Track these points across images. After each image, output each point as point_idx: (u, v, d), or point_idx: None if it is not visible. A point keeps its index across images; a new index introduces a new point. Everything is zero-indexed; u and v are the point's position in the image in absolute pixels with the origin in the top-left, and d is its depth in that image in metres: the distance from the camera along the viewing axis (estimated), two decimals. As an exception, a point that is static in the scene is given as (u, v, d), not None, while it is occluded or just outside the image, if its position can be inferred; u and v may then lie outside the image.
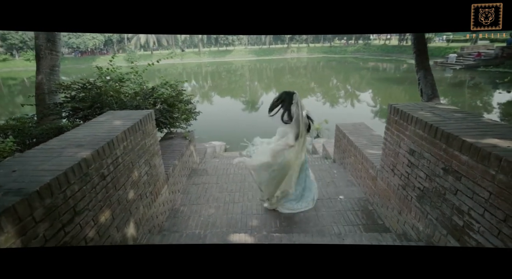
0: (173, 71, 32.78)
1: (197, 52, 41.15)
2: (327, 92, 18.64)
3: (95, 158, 1.60)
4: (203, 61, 39.14)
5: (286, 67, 33.59)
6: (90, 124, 2.14)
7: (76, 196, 1.43)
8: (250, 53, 41.27)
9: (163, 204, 2.73)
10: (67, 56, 34.54)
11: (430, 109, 2.14)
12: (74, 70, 31.54)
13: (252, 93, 19.70)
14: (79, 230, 1.46)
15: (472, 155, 1.47)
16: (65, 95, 3.09)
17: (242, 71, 31.41)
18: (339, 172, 3.76)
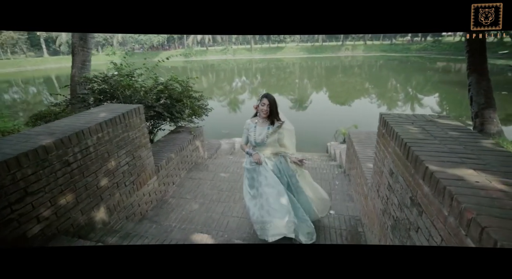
0: (225, 66, 34.26)
1: (248, 48, 42.02)
2: (383, 94, 16.99)
3: (57, 146, 1.77)
4: (254, 58, 39.83)
5: (339, 66, 31.83)
6: (80, 114, 2.38)
7: (28, 178, 1.61)
8: (301, 51, 40.31)
9: (149, 194, 2.89)
10: (136, 52, 39.20)
11: (424, 123, 1.76)
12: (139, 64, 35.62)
13: (301, 91, 19.25)
14: (31, 208, 1.65)
15: (431, 187, 1.16)
16: (89, 87, 3.52)
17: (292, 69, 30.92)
18: (342, 185, 3.41)
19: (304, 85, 22.03)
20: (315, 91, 19.26)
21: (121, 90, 3.22)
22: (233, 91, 20.36)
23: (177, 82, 3.75)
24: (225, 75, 29.17)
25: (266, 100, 2.05)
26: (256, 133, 2.12)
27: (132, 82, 3.47)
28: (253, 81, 24.87)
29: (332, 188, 3.34)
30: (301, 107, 14.16)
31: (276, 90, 19.49)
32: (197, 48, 42.32)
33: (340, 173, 3.93)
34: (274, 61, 36.22)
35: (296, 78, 25.70)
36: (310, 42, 42.30)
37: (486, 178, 1.08)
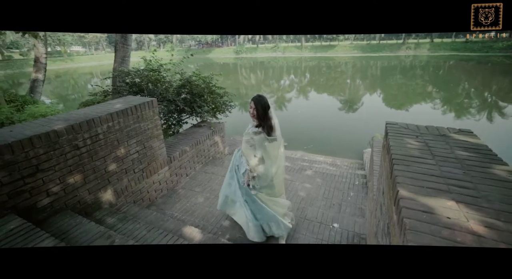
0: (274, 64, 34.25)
1: (299, 46, 41.16)
2: (451, 100, 14.77)
3: (68, 131, 2.01)
4: (304, 56, 38.86)
5: (397, 66, 28.88)
6: (100, 105, 2.65)
7: (40, 157, 1.87)
8: (355, 49, 37.75)
9: (159, 182, 3.08)
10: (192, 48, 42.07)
11: (432, 138, 1.47)
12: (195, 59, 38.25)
13: (352, 92, 18.15)
14: (41, 183, 1.91)
15: (397, 216, 0.96)
16: (123, 80, 3.91)
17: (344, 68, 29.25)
18: (356, 196, 3.10)
19: (356, 85, 20.65)
20: (368, 93, 17.89)
21: (147, 84, 3.50)
22: (280, 89, 20.26)
23: (200, 78, 3.89)
24: (274, 72, 29.17)
25: (252, 103, 2.03)
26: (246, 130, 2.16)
27: (160, 77, 3.73)
28: (302, 80, 24.31)
29: (344, 199, 3.06)
30: (351, 108, 13.31)
31: (325, 90, 18.70)
32: (248, 45, 43.25)
33: (360, 184, 3.57)
34: (325, 59, 34.73)
35: (348, 78, 24.23)
36: (366, 40, 39.29)
37: (466, 214, 0.85)
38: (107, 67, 35.24)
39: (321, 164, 5.04)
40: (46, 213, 1.98)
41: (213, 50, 40.18)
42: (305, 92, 18.49)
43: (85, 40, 40.93)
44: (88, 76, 29.65)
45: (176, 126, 4.29)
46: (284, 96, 17.25)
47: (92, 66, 36.35)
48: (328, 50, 39.35)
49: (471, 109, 12.84)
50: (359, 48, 37.65)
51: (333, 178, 3.75)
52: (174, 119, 4.00)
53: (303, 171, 4.11)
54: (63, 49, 37.51)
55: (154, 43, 45.37)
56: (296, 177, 3.67)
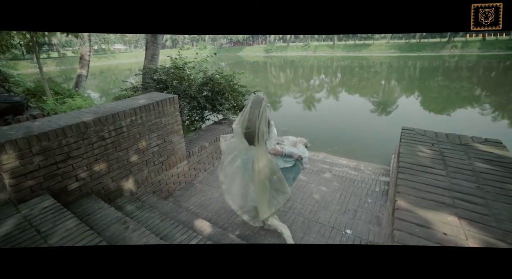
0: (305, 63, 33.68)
1: (331, 45, 39.92)
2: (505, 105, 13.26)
3: (95, 123, 2.21)
4: (336, 55, 37.61)
5: (440, 67, 26.65)
6: (125, 100, 2.85)
7: (71, 145, 2.07)
8: (392, 48, 35.56)
9: (178, 175, 3.24)
10: (224, 46, 43.01)
11: (450, 147, 1.36)
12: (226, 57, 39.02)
13: (387, 94, 17.24)
14: (71, 169, 2.12)
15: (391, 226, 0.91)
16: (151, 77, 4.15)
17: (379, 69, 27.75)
18: (374, 203, 2.95)
19: (390, 87, 19.53)
20: (405, 95, 16.80)
21: (172, 81, 3.67)
22: (310, 88, 19.91)
23: (222, 76, 3.98)
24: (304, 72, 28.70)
25: None
26: None
27: (185, 74, 3.90)
28: (333, 80, 23.60)
29: (360, 205, 2.94)
30: (384, 111, 12.63)
31: (357, 91, 17.96)
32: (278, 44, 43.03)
33: (381, 191, 3.40)
34: (358, 59, 33.25)
35: (382, 79, 22.98)
36: (405, 38, 36.79)
37: (467, 232, 0.78)
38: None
39: (342, 168, 4.88)
40: (74, 196, 2.19)
41: (243, 48, 40.69)
42: (335, 92, 17.93)
43: (126, 38, 43.90)
44: (127, 72, 31.84)
45: (199, 122, 4.44)
46: (313, 95, 16.89)
47: (131, 62, 38.92)
48: (362, 49, 37.61)
49: None
50: (397, 47, 35.42)
51: (352, 183, 3.62)
52: (197, 115, 4.15)
53: (321, 173, 4.01)
54: (107, 47, 40.75)
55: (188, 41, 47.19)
56: (312, 179, 3.60)
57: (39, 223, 1.65)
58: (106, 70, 32.85)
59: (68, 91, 6.58)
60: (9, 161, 1.77)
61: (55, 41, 33.57)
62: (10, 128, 1.97)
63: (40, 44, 29.84)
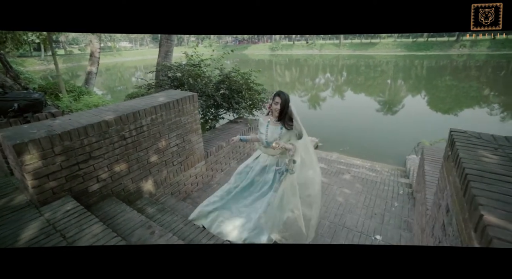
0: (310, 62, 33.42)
1: (337, 43, 39.54)
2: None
3: (116, 122, 2.11)
4: (342, 54, 37.26)
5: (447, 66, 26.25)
6: (144, 97, 2.76)
7: (93, 145, 1.98)
8: (399, 47, 35.11)
9: (195, 176, 3.14)
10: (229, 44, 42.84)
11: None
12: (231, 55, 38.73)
13: (393, 93, 17.04)
14: (93, 170, 2.03)
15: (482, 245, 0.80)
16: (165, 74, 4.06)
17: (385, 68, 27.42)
18: (402, 207, 2.83)
19: (397, 86, 19.29)
20: (411, 95, 16.61)
21: (187, 78, 3.57)
22: (315, 87, 19.75)
23: (239, 74, 3.87)
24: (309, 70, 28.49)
25: (278, 99, 1.93)
26: (268, 133, 2.03)
27: (201, 71, 3.79)
28: (338, 79, 23.37)
29: (387, 209, 2.82)
30: (390, 110, 12.47)
31: (363, 90, 17.79)
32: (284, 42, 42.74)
33: (405, 193, 3.27)
34: (365, 58, 32.90)
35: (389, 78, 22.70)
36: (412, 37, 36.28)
37: None
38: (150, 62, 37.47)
39: (359, 168, 4.75)
40: (95, 198, 2.11)
41: (249, 46, 40.46)
42: (341, 91, 17.78)
43: (132, 36, 43.93)
44: (133, 70, 31.91)
45: (213, 121, 4.34)
46: (319, 94, 16.74)
47: (137, 60, 39.00)
48: (368, 48, 37.20)
49: None
50: (403, 46, 34.96)
51: (374, 185, 3.49)
52: (211, 114, 4.05)
53: (340, 174, 3.89)
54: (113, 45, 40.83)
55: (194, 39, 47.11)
56: (333, 181, 3.49)
57: (63, 228, 1.56)
58: (112, 67, 32.94)
59: (78, 88, 6.52)
60: (32, 161, 1.68)
61: (62, 38, 33.75)
62: (31, 126, 1.88)
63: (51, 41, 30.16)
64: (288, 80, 23.08)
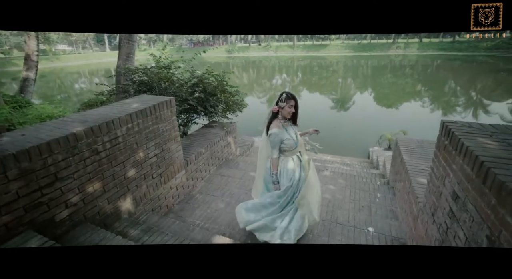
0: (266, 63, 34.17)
1: (291, 45, 41.26)
2: (439, 98, 15.19)
3: (87, 134, 1.79)
4: (296, 55, 38.97)
5: (388, 65, 29.37)
6: (115, 104, 2.42)
7: (59, 164, 1.64)
8: (347, 48, 38.19)
9: (176, 187, 2.87)
10: (184, 47, 41.40)
11: (510, 137, 1.35)
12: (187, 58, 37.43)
13: (344, 91, 18.29)
14: (60, 194, 1.68)
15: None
16: (130, 78, 3.67)
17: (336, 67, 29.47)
18: (384, 198, 2.99)
19: (347, 85, 20.87)
20: (359, 92, 18.12)
21: (158, 82, 3.27)
22: (273, 88, 20.20)
23: (212, 75, 3.69)
24: (266, 71, 29.11)
25: (293, 102, 1.93)
26: (292, 135, 1.99)
27: (170, 74, 3.51)
28: (294, 79, 24.34)
29: (372, 201, 2.95)
30: (342, 107, 13.42)
31: (317, 89, 18.79)
32: (240, 44, 42.97)
33: (382, 184, 3.48)
34: (317, 58, 34.94)
35: (339, 77, 24.46)
36: (357, 39, 39.81)
37: None
38: (96, 66, 34.13)
39: (333, 164, 4.94)
40: (64, 227, 1.75)
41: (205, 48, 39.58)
42: (297, 91, 18.52)
43: (72, 38, 39.51)
44: (75, 76, 28.62)
45: (185, 127, 4.07)
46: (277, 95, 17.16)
47: (80, 65, 35.17)
48: (320, 49, 39.64)
49: (457, 107, 13.22)
50: (351, 47, 38.11)
51: (354, 179, 3.64)
52: (182, 119, 3.78)
53: (320, 171, 3.97)
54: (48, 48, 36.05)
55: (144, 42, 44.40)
56: (316, 179, 3.53)
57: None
58: (48, 73, 29.04)
59: (12, 98, 5.52)
60: (-22, 192, 1.30)
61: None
62: (-31, 148, 1.47)
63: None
64: (246, 82, 23.22)
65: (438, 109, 12.84)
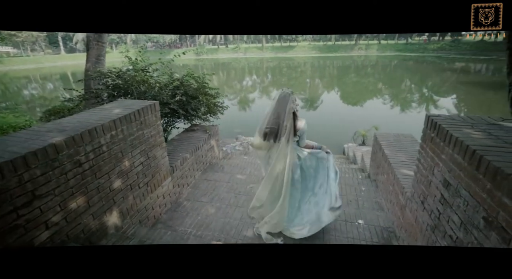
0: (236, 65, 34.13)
1: (260, 47, 41.76)
2: (397, 95, 16.52)
3: (68, 144, 1.61)
4: (265, 56, 39.52)
5: (351, 66, 31.16)
6: (93, 110, 2.22)
7: (37, 180, 1.45)
8: (313, 49, 39.73)
9: (163, 196, 2.72)
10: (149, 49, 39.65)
11: (487, 127, 1.50)
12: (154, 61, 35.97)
13: (312, 91, 18.92)
14: (39, 213, 1.49)
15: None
16: (103, 82, 3.40)
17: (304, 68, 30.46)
18: (368, 191, 3.15)
19: (315, 84, 21.69)
20: (327, 91, 18.93)
21: (136, 85, 3.07)
22: (243, 89, 20.24)
23: (193, 78, 3.57)
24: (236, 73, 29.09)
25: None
26: None
27: (147, 77, 3.32)
28: (264, 80, 24.64)
29: (358, 194, 3.08)
30: (312, 106, 13.91)
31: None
32: (208, 46, 42.38)
33: (364, 178, 3.66)
34: (286, 60, 35.80)
35: (307, 77, 25.33)
36: (323, 41, 41.64)
37: None
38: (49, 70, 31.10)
39: (314, 162, 5.07)
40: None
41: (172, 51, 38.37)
42: (267, 92, 18.77)
43: (18, 39, 35.56)
44: (24, 81, 25.77)
45: (165, 132, 3.88)
46: (248, 96, 17.26)
47: (29, 69, 31.77)
48: (288, 50, 40.69)
49: (412, 103, 14.51)
50: (317, 49, 39.71)
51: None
52: (165, 123, 3.60)
53: (304, 170, 4.06)
54: (-15, 50, 32.04)
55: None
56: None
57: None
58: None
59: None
60: None
61: None
62: None
63: None
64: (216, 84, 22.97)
65: (397, 106, 13.93)
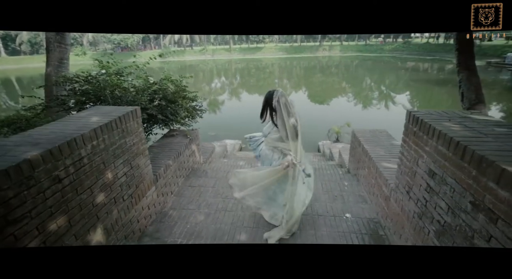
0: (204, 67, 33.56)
1: (227, 48, 41.58)
2: (359, 93, 17.65)
3: (45, 159, 1.43)
4: (233, 58, 39.47)
5: (317, 66, 32.50)
6: (67, 119, 2.02)
7: (10, 203, 1.27)
8: (280, 51, 40.66)
9: (148, 207, 2.56)
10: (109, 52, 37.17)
11: (462, 120, 1.66)
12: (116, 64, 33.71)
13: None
14: (13, 240, 1.30)
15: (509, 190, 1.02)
16: (70, 88, 3.09)
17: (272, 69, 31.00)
18: (351, 185, 3.30)
19: (283, 85, 22.22)
20: (294, 91, 19.51)
21: (110, 90, 2.84)
22: (212, 92, 19.99)
23: (171, 81, 3.42)
24: (204, 75, 28.62)
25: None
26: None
27: (121, 81, 3.10)
28: (233, 82, 24.59)
29: (342, 189, 3.21)
30: None
31: (256, 90, 19.46)
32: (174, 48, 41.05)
33: (344, 173, 3.83)
34: (253, 61, 36.13)
35: (276, 78, 25.86)
36: (289, 42, 42.81)
37: None
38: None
39: (294, 160, 5.18)
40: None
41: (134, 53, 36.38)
42: (237, 93, 18.81)
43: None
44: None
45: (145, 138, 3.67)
46: (217, 98, 17.12)
47: (-36, 75, 27.83)
48: (256, 52, 41.10)
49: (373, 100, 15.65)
50: (284, 50, 40.71)
51: (319, 171, 3.90)
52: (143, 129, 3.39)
53: (287, 169, 4.12)
54: None
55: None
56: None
57: None
58: None
59: None
60: None
61: None
62: None
63: None
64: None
65: (360, 103, 14.86)
